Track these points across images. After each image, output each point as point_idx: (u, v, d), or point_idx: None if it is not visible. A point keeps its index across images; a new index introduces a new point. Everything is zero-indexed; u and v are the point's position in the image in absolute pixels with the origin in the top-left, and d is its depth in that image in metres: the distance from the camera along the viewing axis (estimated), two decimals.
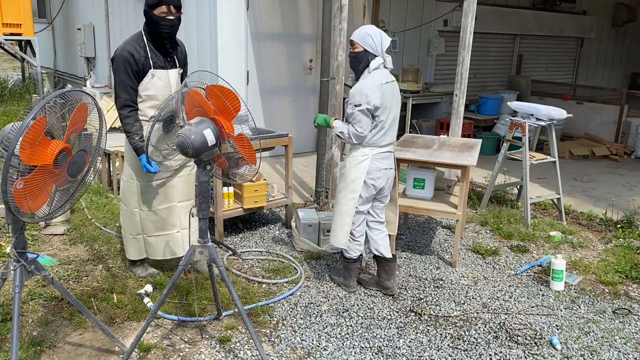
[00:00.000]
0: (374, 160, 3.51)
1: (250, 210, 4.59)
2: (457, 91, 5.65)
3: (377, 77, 3.45)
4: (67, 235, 4.53)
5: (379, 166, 3.54)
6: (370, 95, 3.38)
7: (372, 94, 3.38)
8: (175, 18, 3.38)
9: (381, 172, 3.56)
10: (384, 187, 3.64)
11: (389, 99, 3.48)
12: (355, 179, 3.54)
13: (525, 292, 3.95)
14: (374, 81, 3.42)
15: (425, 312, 3.60)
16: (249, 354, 3.06)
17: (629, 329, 3.52)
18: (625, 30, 12.32)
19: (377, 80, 3.43)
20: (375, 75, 3.46)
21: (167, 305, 3.48)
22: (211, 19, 6.27)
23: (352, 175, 3.54)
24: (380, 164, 3.54)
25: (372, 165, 3.51)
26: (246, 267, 4.15)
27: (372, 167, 3.51)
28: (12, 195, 2.29)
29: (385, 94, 3.44)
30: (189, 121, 2.67)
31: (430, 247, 4.69)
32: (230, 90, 2.56)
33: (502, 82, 9.96)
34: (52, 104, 2.40)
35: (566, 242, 4.87)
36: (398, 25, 7.98)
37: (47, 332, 3.16)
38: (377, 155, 3.52)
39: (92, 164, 2.74)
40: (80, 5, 9.95)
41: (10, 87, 11.13)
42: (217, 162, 2.80)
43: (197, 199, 2.83)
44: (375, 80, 3.42)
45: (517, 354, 3.17)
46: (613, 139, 8.76)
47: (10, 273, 2.57)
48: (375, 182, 3.55)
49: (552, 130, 5.31)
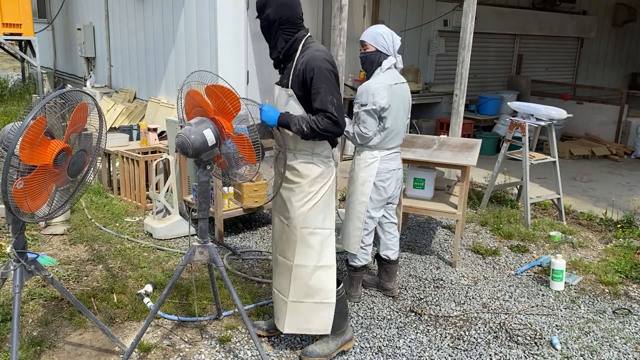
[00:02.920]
0: (382, 162, 3.46)
1: (250, 210, 4.59)
2: (457, 91, 5.65)
3: (386, 78, 3.39)
4: (67, 235, 4.53)
5: (388, 167, 3.49)
6: (377, 96, 3.31)
7: (379, 95, 3.31)
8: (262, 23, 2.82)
9: (390, 173, 3.51)
10: (394, 189, 3.59)
11: (397, 100, 3.42)
12: (365, 182, 3.48)
13: (525, 292, 3.95)
14: (382, 81, 3.36)
15: (425, 312, 3.59)
16: (249, 354, 3.06)
17: (629, 329, 3.52)
18: (625, 30, 12.32)
19: (385, 80, 3.37)
20: (386, 76, 3.40)
21: (167, 305, 3.48)
22: (211, 19, 6.27)
23: (361, 178, 3.49)
24: (389, 165, 3.50)
25: (381, 167, 3.46)
26: (246, 267, 4.15)
27: (381, 169, 3.46)
28: (12, 195, 2.29)
29: (394, 95, 3.39)
30: (189, 121, 2.66)
31: (430, 247, 4.69)
32: (230, 90, 2.56)
33: (502, 82, 9.96)
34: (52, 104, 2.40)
35: (566, 242, 4.87)
36: (398, 25, 7.96)
37: (47, 332, 3.16)
38: (385, 157, 3.48)
39: (92, 164, 2.74)
40: (80, 5, 9.95)
41: (10, 87, 11.14)
42: (217, 162, 2.80)
43: (197, 198, 2.83)
44: (384, 81, 3.36)
45: (517, 354, 3.17)
46: (613, 139, 8.76)
47: (10, 273, 2.57)
48: (384, 184, 3.49)
49: (552, 130, 5.31)
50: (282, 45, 2.78)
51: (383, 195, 3.52)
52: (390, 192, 3.56)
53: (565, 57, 11.31)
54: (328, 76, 2.70)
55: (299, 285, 2.90)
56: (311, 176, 2.84)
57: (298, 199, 2.84)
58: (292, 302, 2.92)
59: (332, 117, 2.68)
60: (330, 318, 2.95)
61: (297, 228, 2.85)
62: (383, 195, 3.52)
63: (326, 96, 2.68)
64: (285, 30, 2.77)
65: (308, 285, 2.90)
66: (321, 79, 2.68)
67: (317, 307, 2.93)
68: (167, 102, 7.39)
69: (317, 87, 2.68)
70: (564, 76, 11.35)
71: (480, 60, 9.22)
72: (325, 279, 2.92)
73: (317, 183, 2.86)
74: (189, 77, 2.72)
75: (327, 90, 2.69)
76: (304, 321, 2.95)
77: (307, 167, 2.84)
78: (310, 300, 2.92)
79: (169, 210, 4.61)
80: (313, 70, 2.67)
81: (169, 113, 6.95)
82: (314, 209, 2.85)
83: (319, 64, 2.68)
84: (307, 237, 2.86)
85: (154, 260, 4.14)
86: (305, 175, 2.84)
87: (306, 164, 2.84)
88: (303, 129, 2.70)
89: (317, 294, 2.91)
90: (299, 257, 2.87)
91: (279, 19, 2.74)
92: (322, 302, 2.92)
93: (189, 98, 2.73)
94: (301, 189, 2.84)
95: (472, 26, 5.46)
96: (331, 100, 2.69)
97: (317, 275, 2.90)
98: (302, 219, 2.84)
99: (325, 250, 2.92)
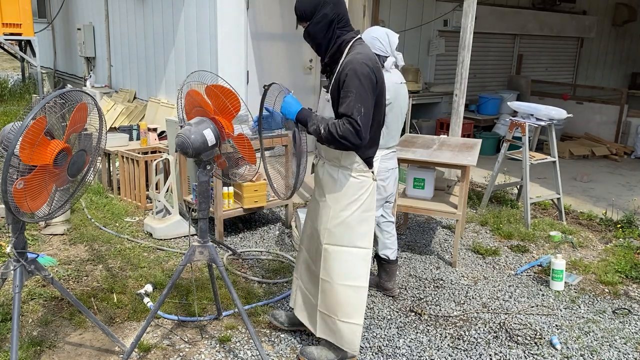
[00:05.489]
0: (382, 161, 3.50)
1: (250, 210, 4.59)
2: (457, 91, 5.65)
3: (392, 76, 3.46)
4: (67, 235, 4.53)
5: (387, 166, 3.55)
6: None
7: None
8: (304, 30, 2.63)
9: (389, 172, 3.57)
10: (393, 188, 3.65)
11: (400, 99, 3.51)
12: None
13: (525, 292, 3.95)
14: (389, 79, 3.33)
15: (425, 312, 3.59)
16: (249, 354, 3.06)
17: (629, 329, 3.52)
18: (625, 30, 12.32)
19: (391, 78, 3.44)
20: (390, 75, 3.46)
21: (167, 305, 3.48)
22: (211, 19, 6.27)
23: None
24: (388, 164, 3.55)
25: (381, 166, 3.49)
26: (246, 267, 4.15)
27: (381, 168, 3.49)
28: (12, 195, 2.29)
29: (397, 93, 3.48)
30: (189, 121, 2.66)
31: (430, 247, 4.69)
32: (230, 90, 2.56)
33: (502, 82, 9.96)
34: (52, 104, 2.40)
35: (566, 242, 4.87)
36: (398, 25, 7.97)
37: (47, 332, 3.16)
38: (385, 156, 3.52)
39: (92, 164, 2.74)
40: (80, 5, 9.95)
41: (10, 87, 11.14)
42: (217, 162, 2.80)
43: (197, 198, 2.83)
44: (390, 79, 3.39)
45: (517, 354, 3.17)
46: (613, 139, 8.76)
47: (10, 273, 2.57)
48: (384, 183, 3.54)
49: (552, 130, 5.31)
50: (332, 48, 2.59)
51: (383, 194, 3.56)
52: (390, 191, 3.61)
53: (565, 57, 11.31)
54: (362, 81, 2.47)
55: (326, 298, 2.80)
56: (335, 192, 2.68)
57: (324, 212, 2.73)
58: (321, 312, 2.84)
59: (355, 124, 2.44)
60: (358, 338, 2.81)
61: (322, 243, 2.75)
62: (383, 194, 3.56)
63: (354, 102, 2.45)
64: (341, 29, 2.58)
65: (335, 301, 2.77)
66: (353, 84, 2.46)
67: (345, 326, 2.80)
68: (167, 102, 7.39)
69: (347, 90, 2.47)
70: (564, 76, 11.35)
71: (480, 60, 9.22)
72: (354, 299, 2.76)
73: (343, 200, 2.68)
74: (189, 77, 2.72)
75: (357, 96, 2.46)
76: (333, 333, 2.84)
77: (331, 181, 2.69)
78: (337, 318, 2.79)
79: (169, 210, 4.61)
80: (347, 74, 2.47)
81: (169, 113, 6.95)
82: (340, 227, 2.69)
83: (356, 67, 2.47)
84: (331, 254, 2.73)
85: (154, 260, 4.14)
86: (329, 190, 2.70)
87: (331, 178, 2.69)
88: (320, 130, 2.49)
89: (344, 313, 2.77)
90: (324, 272, 2.77)
91: (336, 17, 2.55)
92: (349, 322, 2.78)
93: (189, 98, 2.73)
94: (326, 204, 2.72)
95: (472, 26, 5.45)
96: (358, 109, 2.45)
97: (344, 293, 2.75)
98: (327, 234, 2.72)
99: (351, 269, 2.75)
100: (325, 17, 2.53)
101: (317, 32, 2.57)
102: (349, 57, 2.54)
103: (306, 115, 2.57)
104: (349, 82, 2.47)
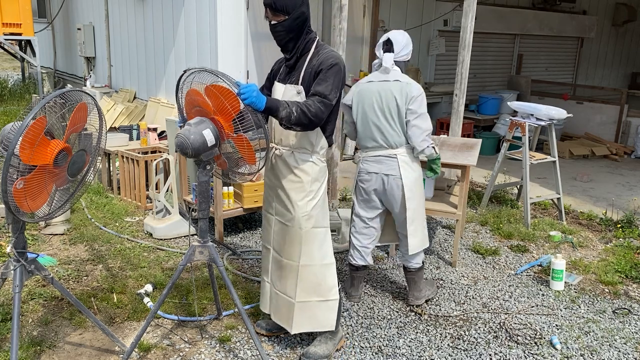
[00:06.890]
0: (363, 162, 3.51)
1: (250, 210, 4.59)
2: (457, 91, 5.65)
3: (366, 77, 3.48)
4: (67, 235, 4.53)
5: (367, 169, 3.47)
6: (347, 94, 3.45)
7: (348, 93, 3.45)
8: (277, 24, 2.68)
9: (370, 176, 3.46)
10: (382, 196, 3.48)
11: (366, 100, 3.40)
12: (354, 178, 3.62)
13: (525, 292, 3.95)
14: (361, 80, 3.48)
15: (425, 312, 3.60)
16: (249, 354, 3.06)
17: (629, 328, 3.52)
18: (625, 30, 12.32)
19: (362, 80, 3.48)
20: (368, 76, 3.48)
21: (167, 305, 3.48)
22: (211, 18, 6.27)
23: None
24: (369, 167, 3.47)
25: (361, 167, 3.52)
26: (246, 267, 4.15)
27: (361, 169, 3.52)
28: (12, 195, 2.29)
29: (360, 94, 3.43)
30: (189, 121, 2.66)
31: (430, 247, 4.69)
32: (229, 90, 2.55)
33: (502, 82, 9.96)
34: (52, 104, 2.40)
35: (566, 241, 4.87)
36: (398, 25, 7.96)
37: (47, 332, 3.16)
38: (365, 159, 3.50)
39: (92, 163, 2.74)
40: (80, 5, 9.95)
41: (10, 87, 11.14)
42: (217, 162, 2.80)
43: (197, 198, 2.83)
44: (361, 80, 3.48)
45: (517, 354, 3.17)
46: (613, 138, 8.76)
47: (10, 273, 2.57)
48: (364, 185, 3.50)
49: (552, 130, 5.31)
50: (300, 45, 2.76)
51: (364, 195, 3.54)
52: (374, 197, 3.50)
53: (565, 57, 11.31)
54: (340, 74, 2.72)
55: (305, 285, 2.91)
56: (311, 175, 2.84)
57: (300, 197, 2.83)
58: (300, 302, 2.92)
59: (327, 102, 2.65)
60: (335, 314, 2.97)
61: (301, 228, 2.84)
62: (364, 196, 3.54)
63: (332, 86, 2.68)
64: (308, 28, 2.78)
65: (314, 283, 2.91)
66: (335, 73, 2.69)
67: (323, 305, 2.95)
68: (167, 102, 7.39)
69: (327, 75, 2.67)
70: (564, 76, 11.35)
71: (480, 60, 9.22)
72: (329, 276, 2.94)
73: (317, 181, 2.87)
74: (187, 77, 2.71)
75: (335, 83, 2.69)
76: (311, 319, 2.96)
77: (308, 166, 2.84)
78: (316, 299, 2.93)
79: (169, 210, 4.61)
80: (330, 64, 2.68)
81: (169, 113, 6.95)
82: (316, 208, 2.87)
83: (338, 62, 2.70)
84: (311, 236, 2.87)
85: (154, 260, 4.14)
86: (306, 174, 2.84)
87: (306, 162, 2.84)
88: (292, 113, 2.57)
89: (322, 292, 2.93)
90: (305, 257, 2.87)
91: (309, 16, 2.75)
92: (327, 299, 2.95)
93: (188, 98, 2.73)
94: (303, 188, 2.84)
95: (472, 26, 5.45)
96: (334, 93, 2.69)
97: (322, 273, 2.92)
98: (306, 218, 2.84)
99: (327, 248, 2.94)
100: (303, 14, 2.70)
101: (294, 27, 2.70)
102: (324, 54, 2.73)
103: (274, 102, 2.59)
104: (330, 71, 2.68)
